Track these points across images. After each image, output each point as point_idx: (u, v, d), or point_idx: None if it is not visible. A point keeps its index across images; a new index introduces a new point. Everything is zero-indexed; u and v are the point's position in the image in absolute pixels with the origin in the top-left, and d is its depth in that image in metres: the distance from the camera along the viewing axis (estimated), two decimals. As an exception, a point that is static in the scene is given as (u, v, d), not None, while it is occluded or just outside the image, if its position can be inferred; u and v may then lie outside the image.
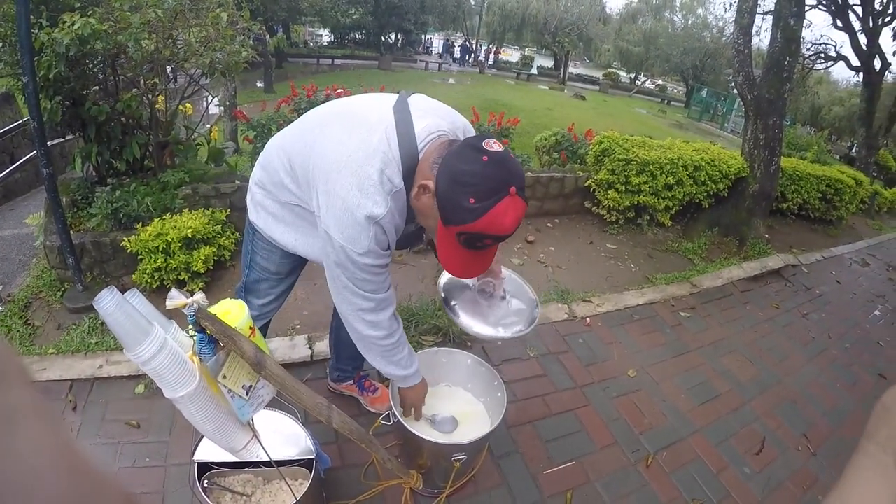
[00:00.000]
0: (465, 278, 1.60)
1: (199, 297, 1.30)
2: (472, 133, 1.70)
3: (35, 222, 3.90)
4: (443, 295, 2.09)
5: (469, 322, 2.00)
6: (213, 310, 1.40)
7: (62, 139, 4.64)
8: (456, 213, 1.39)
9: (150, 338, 1.21)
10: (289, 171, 1.69)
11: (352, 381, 2.79)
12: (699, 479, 2.76)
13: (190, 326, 1.33)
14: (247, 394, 1.44)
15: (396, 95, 1.66)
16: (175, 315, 1.33)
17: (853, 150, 19.64)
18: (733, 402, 3.42)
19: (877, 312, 5.34)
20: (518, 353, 3.39)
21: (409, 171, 1.50)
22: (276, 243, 1.89)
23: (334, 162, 1.51)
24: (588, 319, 3.88)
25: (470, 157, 1.37)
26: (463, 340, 3.38)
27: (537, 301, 2.20)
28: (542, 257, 4.80)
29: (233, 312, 1.44)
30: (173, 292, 1.28)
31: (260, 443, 1.60)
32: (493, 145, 1.39)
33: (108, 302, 1.16)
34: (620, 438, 2.90)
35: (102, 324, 3.27)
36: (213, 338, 1.33)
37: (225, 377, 1.37)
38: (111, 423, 2.61)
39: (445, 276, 2.13)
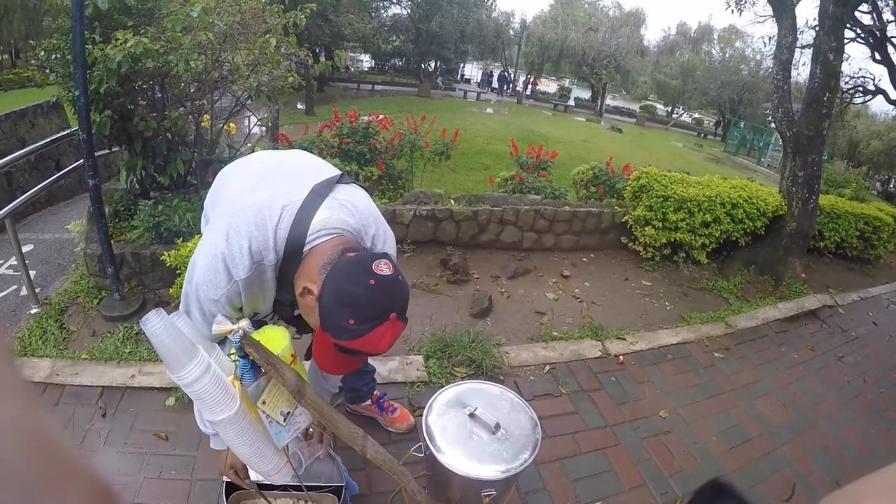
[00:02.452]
0: (334, 374, 1.58)
1: (245, 323, 1.34)
2: (388, 240, 1.67)
3: (77, 229, 4.02)
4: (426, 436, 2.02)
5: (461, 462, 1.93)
6: (256, 336, 1.44)
7: (108, 151, 4.79)
8: (334, 329, 1.35)
9: (194, 361, 1.25)
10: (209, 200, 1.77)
11: (370, 402, 2.81)
12: (728, 525, 2.73)
13: (233, 351, 1.36)
14: (284, 420, 1.47)
15: (333, 173, 1.67)
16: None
17: (892, 186, 19.24)
18: (765, 446, 3.35)
19: (914, 356, 5.21)
20: (550, 390, 3.38)
21: (292, 254, 1.46)
22: None
23: (228, 204, 1.56)
24: (621, 357, 3.85)
25: (357, 278, 1.34)
26: (495, 374, 3.40)
27: (537, 420, 2.15)
28: (576, 292, 4.79)
29: (275, 339, 1.48)
30: (219, 318, 1.33)
31: (293, 468, 1.62)
32: (382, 268, 1.35)
33: (156, 324, 1.19)
34: (650, 480, 2.87)
35: (137, 333, 3.35)
36: (255, 364, 1.37)
37: (265, 403, 1.40)
38: (140, 432, 2.66)
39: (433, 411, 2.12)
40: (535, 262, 5.17)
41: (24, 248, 4.65)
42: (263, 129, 7.11)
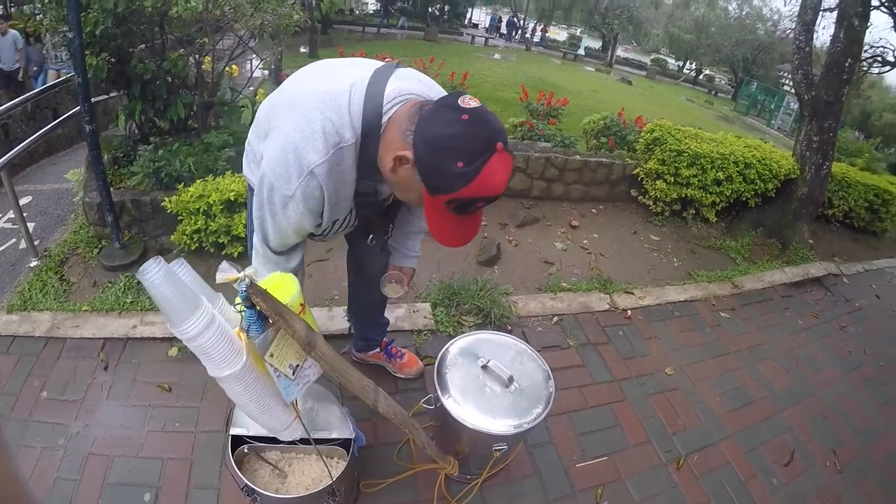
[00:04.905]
0: (456, 246, 1.50)
1: (251, 270, 1.25)
2: None
3: (75, 178, 3.92)
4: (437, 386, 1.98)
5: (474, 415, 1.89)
6: (263, 283, 1.35)
7: (106, 96, 4.62)
8: (444, 180, 1.28)
9: (197, 313, 1.16)
10: (255, 130, 1.65)
11: (378, 349, 2.78)
12: (727, 485, 2.73)
13: (239, 301, 1.27)
14: (293, 373, 1.40)
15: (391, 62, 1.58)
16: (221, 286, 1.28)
17: (901, 160, 19.10)
18: (767, 410, 3.36)
19: (914, 333, 5.21)
20: (558, 342, 3.36)
21: (370, 128, 1.38)
22: None
23: (288, 102, 1.47)
24: (629, 312, 3.82)
25: (448, 118, 1.26)
26: (503, 324, 3.36)
27: (550, 373, 2.09)
28: (585, 243, 4.72)
29: (283, 287, 1.39)
30: (224, 265, 1.22)
31: (303, 424, 1.58)
32: (469, 101, 1.28)
33: (155, 273, 1.09)
34: (654, 437, 2.88)
35: (138, 283, 3.25)
36: (262, 314, 1.28)
37: (272, 356, 1.33)
38: (142, 384, 2.63)
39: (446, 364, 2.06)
40: (544, 210, 5.09)
41: (23, 200, 4.55)
42: (266, 71, 6.92)
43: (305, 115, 1.37)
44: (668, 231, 5.41)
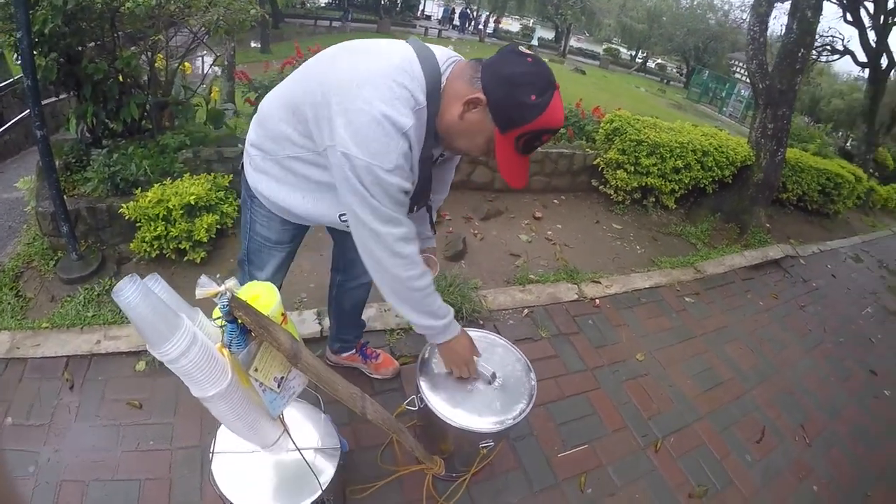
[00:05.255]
0: (521, 185, 1.58)
1: (232, 283, 1.19)
2: None
3: (26, 186, 3.71)
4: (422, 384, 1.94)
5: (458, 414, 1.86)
6: (241, 294, 1.30)
7: (54, 98, 4.42)
8: (520, 112, 1.40)
9: (179, 332, 1.09)
10: (291, 119, 1.59)
11: (353, 351, 2.76)
12: (705, 465, 2.81)
13: (219, 316, 1.21)
14: (279, 386, 1.36)
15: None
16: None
17: (848, 144, 19.70)
18: (735, 389, 3.46)
19: (869, 309, 5.40)
20: (530, 334, 3.37)
21: (433, 91, 1.46)
22: (280, 206, 1.77)
23: (352, 80, 1.42)
24: (597, 301, 3.86)
25: (517, 60, 1.41)
26: (475, 319, 3.37)
27: (531, 367, 2.11)
28: (549, 234, 4.76)
29: (263, 297, 1.35)
30: (203, 279, 1.17)
31: (291, 438, 1.54)
32: (522, 49, 1.45)
33: (131, 293, 1.01)
34: (631, 422, 2.93)
35: (98, 295, 3.16)
36: (244, 328, 1.23)
37: (257, 370, 1.28)
38: (111, 402, 2.51)
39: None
40: (507, 203, 5.10)
41: (-31, 213, 4.26)
42: (219, 69, 6.78)
43: (384, 85, 1.40)
44: (629, 219, 5.50)
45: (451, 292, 3.42)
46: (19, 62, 3.00)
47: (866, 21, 12.45)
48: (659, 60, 47.28)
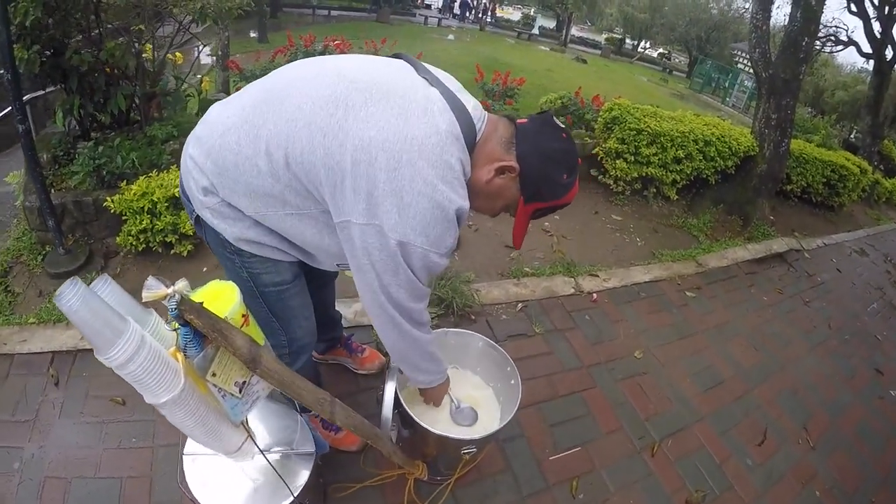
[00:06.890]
0: (520, 247, 1.67)
1: (182, 284, 1.10)
2: None
3: (15, 180, 3.65)
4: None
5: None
6: (200, 293, 1.23)
7: (44, 91, 4.33)
8: (551, 189, 1.43)
9: (125, 337, 1.03)
10: (282, 175, 1.32)
11: (339, 346, 2.69)
12: (703, 469, 2.71)
13: (171, 319, 1.13)
14: (240, 391, 1.27)
15: (400, 61, 1.45)
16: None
17: (852, 136, 19.57)
18: (737, 389, 3.36)
19: (874, 305, 5.29)
20: (523, 329, 3.28)
21: (470, 149, 1.39)
22: (271, 246, 1.52)
23: (398, 151, 1.22)
24: (595, 295, 3.76)
25: (554, 134, 1.41)
26: (466, 314, 3.27)
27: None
28: (546, 225, 4.64)
29: (223, 296, 1.27)
30: (150, 281, 1.08)
31: (256, 444, 1.46)
32: (559, 122, 1.45)
33: (72, 297, 0.96)
34: (626, 424, 2.83)
35: None
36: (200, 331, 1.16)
37: (215, 375, 1.20)
38: (95, 399, 2.48)
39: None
40: (504, 192, 4.96)
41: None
42: (213, 58, 6.70)
43: (441, 161, 1.27)
44: (629, 210, 5.39)
45: (443, 286, 3.32)
46: None
47: (871, 11, 12.30)
48: (661, 50, 47.02)
